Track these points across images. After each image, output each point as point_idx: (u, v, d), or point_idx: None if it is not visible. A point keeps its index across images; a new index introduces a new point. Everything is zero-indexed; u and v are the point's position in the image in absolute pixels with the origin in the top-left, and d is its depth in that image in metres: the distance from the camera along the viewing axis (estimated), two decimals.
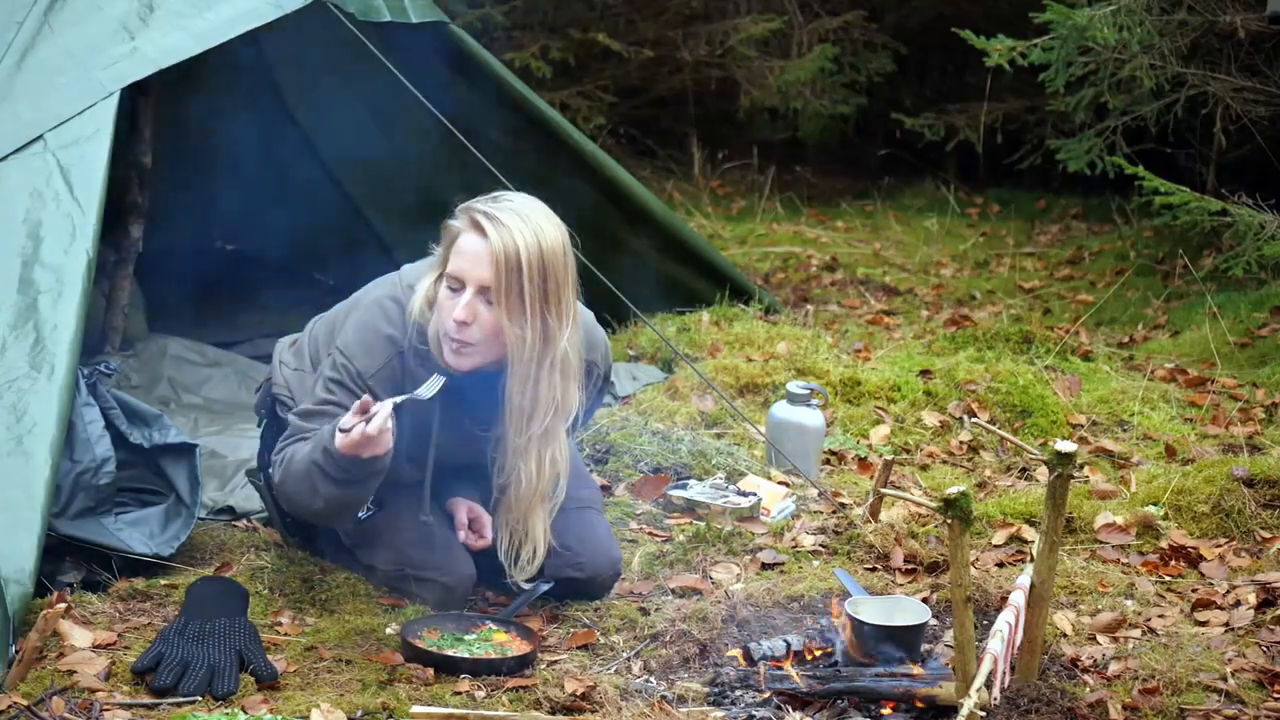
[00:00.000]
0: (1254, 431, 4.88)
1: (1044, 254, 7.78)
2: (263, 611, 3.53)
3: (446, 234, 3.42)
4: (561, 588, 3.66)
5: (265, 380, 3.89)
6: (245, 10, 4.19)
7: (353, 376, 3.48)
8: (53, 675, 3.14)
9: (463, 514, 3.66)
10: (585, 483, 3.85)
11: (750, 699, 3.24)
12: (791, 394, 4.52)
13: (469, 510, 3.67)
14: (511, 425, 3.46)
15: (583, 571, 3.66)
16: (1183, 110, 6.78)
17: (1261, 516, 4.13)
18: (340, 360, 3.50)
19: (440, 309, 3.41)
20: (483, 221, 3.34)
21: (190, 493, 3.80)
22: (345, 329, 3.56)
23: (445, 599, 3.61)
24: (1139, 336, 6.21)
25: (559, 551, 3.63)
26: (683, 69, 8.82)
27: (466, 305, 3.34)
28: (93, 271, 3.67)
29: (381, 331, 3.49)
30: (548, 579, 3.64)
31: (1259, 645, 3.44)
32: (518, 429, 3.46)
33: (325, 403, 3.48)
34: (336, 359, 3.51)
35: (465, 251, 3.36)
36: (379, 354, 3.48)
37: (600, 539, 3.71)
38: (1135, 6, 6.33)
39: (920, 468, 4.64)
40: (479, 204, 3.39)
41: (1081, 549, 4.01)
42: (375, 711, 3.12)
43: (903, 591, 3.73)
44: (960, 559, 2.92)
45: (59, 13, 3.99)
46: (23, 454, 3.39)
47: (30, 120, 3.81)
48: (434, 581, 3.60)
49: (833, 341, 5.66)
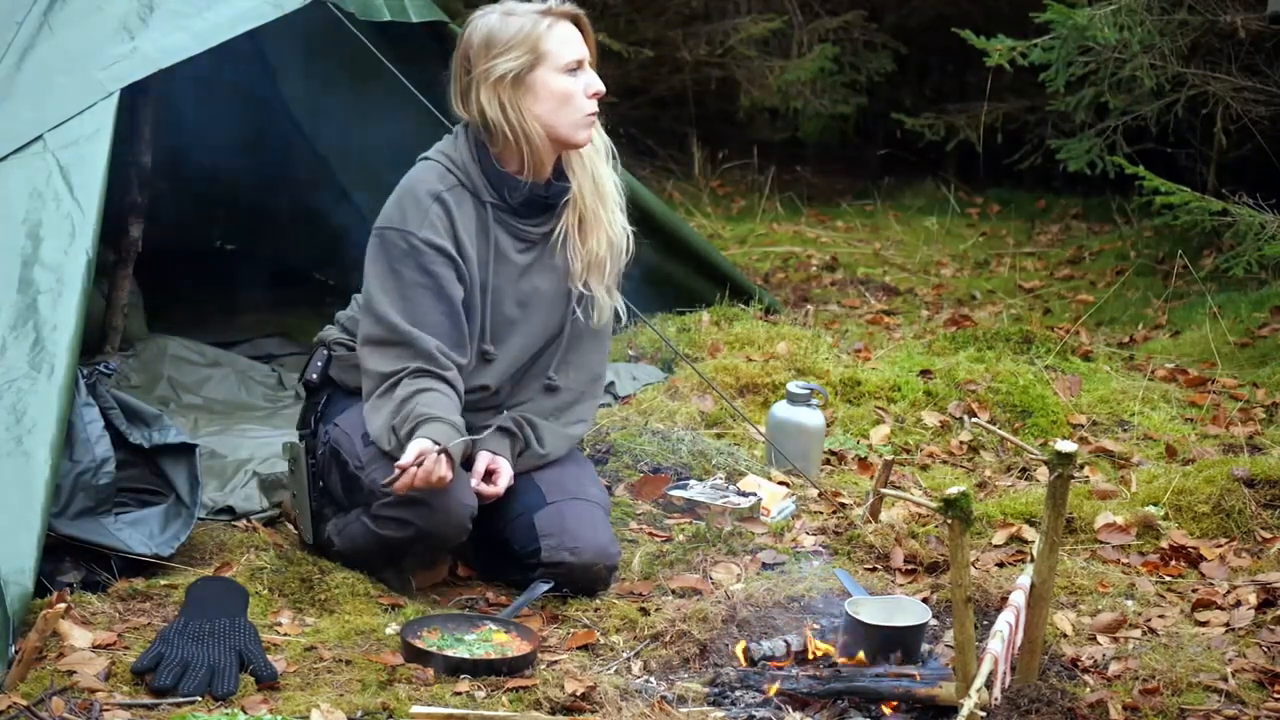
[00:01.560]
0: (1254, 431, 4.88)
1: (1044, 254, 7.78)
2: (263, 611, 3.53)
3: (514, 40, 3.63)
4: (554, 574, 3.65)
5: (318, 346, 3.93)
6: (245, 10, 4.19)
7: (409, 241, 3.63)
8: (53, 675, 3.14)
9: (482, 464, 3.66)
10: (595, 483, 3.88)
11: (750, 699, 3.24)
12: (791, 394, 4.52)
13: (491, 461, 3.67)
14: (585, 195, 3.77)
15: (578, 557, 3.64)
16: (1183, 110, 6.77)
17: (1262, 516, 4.13)
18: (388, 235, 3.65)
19: (568, 97, 3.66)
20: (566, 8, 3.69)
21: (190, 493, 3.80)
22: (383, 211, 3.71)
23: (442, 526, 3.57)
24: (1139, 336, 6.21)
25: (559, 533, 3.64)
26: (683, 69, 8.82)
27: (598, 79, 3.69)
28: (93, 271, 3.67)
29: (421, 189, 3.67)
30: (548, 573, 3.65)
31: (1259, 645, 3.44)
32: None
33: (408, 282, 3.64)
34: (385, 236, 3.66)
35: (567, 36, 3.67)
36: (425, 207, 3.65)
37: (600, 533, 3.71)
38: (1135, 6, 6.32)
39: (920, 468, 4.64)
40: (523, 6, 3.69)
41: (1081, 549, 4.01)
42: (375, 711, 3.12)
43: (903, 591, 3.72)
44: (960, 559, 2.92)
45: (59, 13, 3.99)
46: (23, 454, 3.38)
47: (30, 120, 3.81)
48: (429, 507, 3.54)
49: (833, 341, 5.66)
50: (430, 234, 3.64)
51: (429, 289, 3.64)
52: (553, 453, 3.79)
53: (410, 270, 3.63)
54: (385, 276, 3.66)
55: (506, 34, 3.64)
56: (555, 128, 3.67)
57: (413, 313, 3.64)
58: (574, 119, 3.68)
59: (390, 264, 3.65)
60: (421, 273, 3.63)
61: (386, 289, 3.65)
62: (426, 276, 3.64)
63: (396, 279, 3.64)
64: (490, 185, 3.71)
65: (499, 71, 3.63)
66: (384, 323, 3.64)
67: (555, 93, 3.66)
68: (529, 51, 3.64)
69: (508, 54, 3.63)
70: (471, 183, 3.70)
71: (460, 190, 3.70)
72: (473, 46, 3.67)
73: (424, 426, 3.51)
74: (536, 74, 3.65)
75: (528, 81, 3.65)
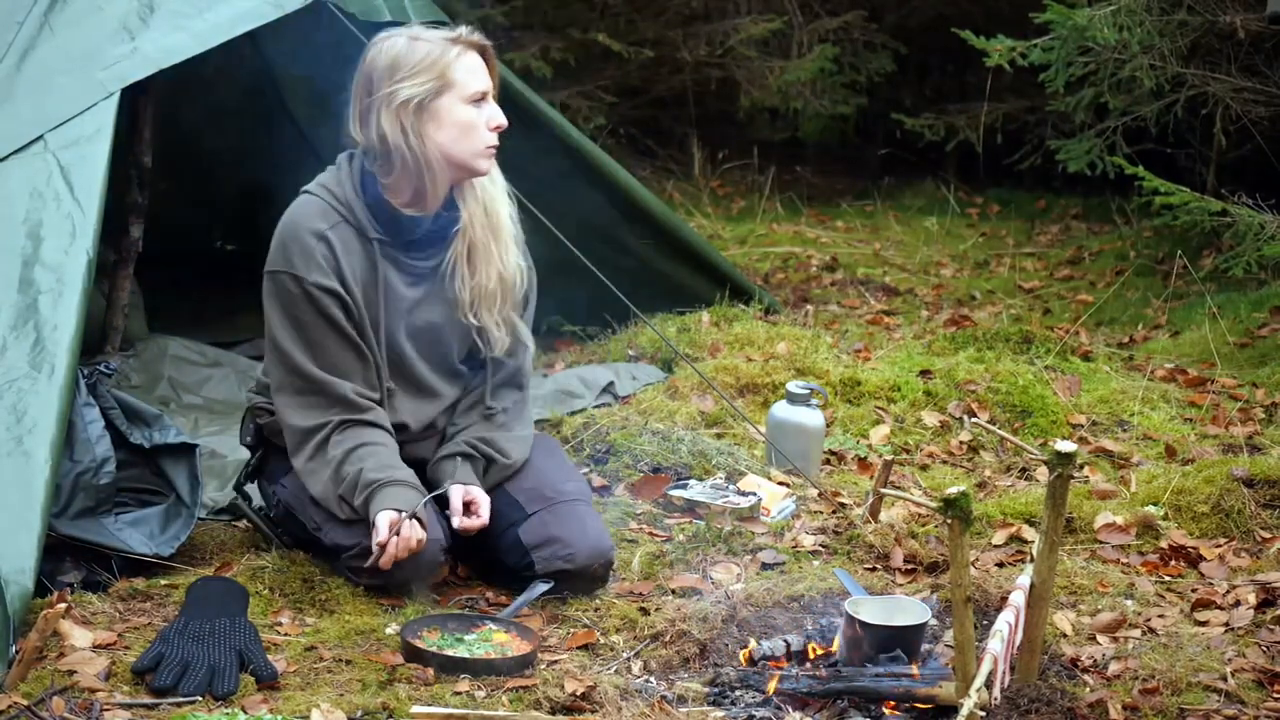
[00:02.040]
0: (1254, 431, 4.88)
1: (1044, 254, 7.78)
2: (263, 611, 3.53)
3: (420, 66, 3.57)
4: (555, 582, 3.65)
5: (247, 410, 3.90)
6: (245, 10, 4.20)
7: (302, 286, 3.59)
8: (53, 675, 3.14)
9: (458, 498, 3.64)
10: (570, 476, 3.86)
11: (750, 699, 3.24)
12: (791, 394, 4.52)
13: (465, 493, 3.65)
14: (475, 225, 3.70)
15: (573, 563, 3.64)
16: (1183, 110, 6.77)
17: (1261, 516, 4.13)
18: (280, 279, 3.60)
19: (471, 128, 3.61)
20: (474, 38, 3.65)
21: (190, 493, 3.80)
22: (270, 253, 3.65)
23: (418, 568, 3.58)
24: (1139, 336, 6.21)
25: (549, 543, 3.63)
26: (683, 69, 8.82)
27: (501, 112, 3.67)
28: (93, 271, 3.67)
29: (303, 228, 3.62)
30: (546, 579, 3.65)
31: (1259, 645, 3.44)
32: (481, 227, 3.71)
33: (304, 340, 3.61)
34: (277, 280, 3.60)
35: (473, 66, 3.63)
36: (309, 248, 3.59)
37: (589, 531, 3.69)
38: (1135, 6, 6.33)
39: (920, 468, 4.64)
40: (430, 33, 3.64)
41: (1081, 549, 4.01)
42: (375, 711, 3.12)
43: (903, 591, 3.73)
44: (960, 559, 2.92)
45: (59, 13, 3.99)
46: (23, 454, 3.39)
47: (30, 120, 3.81)
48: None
49: (833, 341, 5.66)
50: (319, 276, 3.59)
51: (331, 330, 3.61)
52: (518, 459, 3.77)
53: (308, 314, 3.60)
54: (286, 323, 3.62)
55: (413, 59, 3.58)
56: (456, 156, 3.61)
57: (320, 357, 3.62)
58: (475, 149, 3.62)
59: (288, 309, 3.61)
60: (319, 316, 3.60)
61: (290, 335, 3.62)
62: (325, 319, 3.61)
63: (297, 324, 3.61)
64: (375, 220, 3.65)
65: (403, 96, 3.56)
66: (295, 371, 3.62)
67: (459, 122, 3.59)
68: (436, 78, 3.57)
69: (413, 79, 3.56)
70: (355, 218, 3.64)
71: (344, 226, 3.63)
72: (377, 69, 3.60)
73: (380, 495, 3.52)
74: (441, 101, 3.58)
75: (432, 109, 3.58)
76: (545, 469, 3.81)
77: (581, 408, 4.97)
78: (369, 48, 3.66)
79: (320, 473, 3.61)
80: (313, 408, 3.63)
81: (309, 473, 3.63)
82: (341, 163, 3.71)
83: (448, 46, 3.60)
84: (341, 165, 3.70)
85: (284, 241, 3.63)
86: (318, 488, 3.62)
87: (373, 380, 3.68)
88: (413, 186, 3.63)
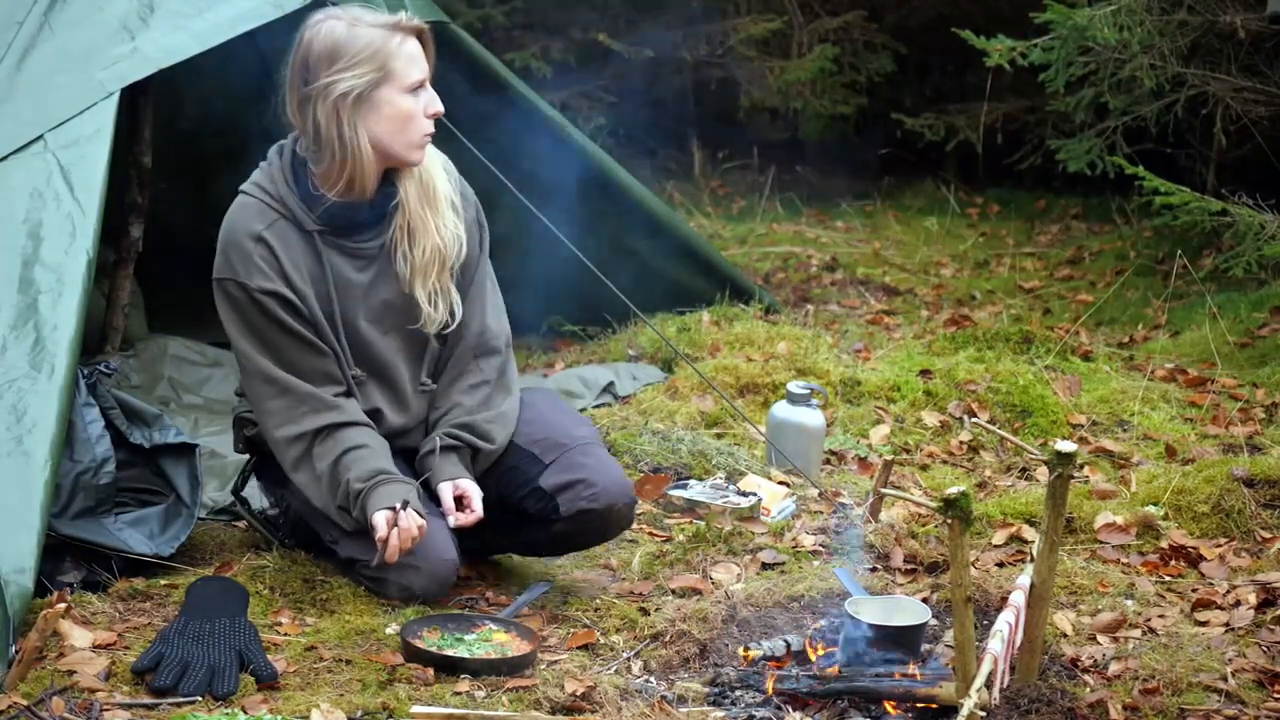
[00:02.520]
0: (1254, 431, 4.88)
1: (1044, 254, 7.78)
2: (263, 611, 3.53)
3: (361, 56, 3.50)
4: (578, 527, 3.64)
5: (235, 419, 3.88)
6: (245, 10, 4.19)
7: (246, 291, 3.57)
8: (53, 675, 3.14)
9: (448, 495, 3.62)
10: (580, 422, 3.84)
11: (750, 699, 3.24)
12: (791, 394, 4.52)
13: (455, 489, 3.63)
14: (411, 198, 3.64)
15: (598, 502, 3.62)
16: (1183, 110, 6.77)
17: (1261, 516, 4.13)
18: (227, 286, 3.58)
19: (410, 118, 3.54)
20: (415, 23, 3.57)
21: (190, 493, 3.81)
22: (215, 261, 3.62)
23: (427, 586, 3.59)
24: (1139, 336, 6.21)
25: (571, 485, 3.62)
26: (683, 69, 8.82)
27: (438, 98, 3.58)
28: (93, 271, 3.67)
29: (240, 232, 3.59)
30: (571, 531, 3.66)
31: (1259, 645, 3.44)
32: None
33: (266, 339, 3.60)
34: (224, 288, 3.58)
35: (414, 54, 3.55)
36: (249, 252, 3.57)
37: (610, 470, 3.68)
38: (1135, 6, 6.32)
39: (920, 468, 4.64)
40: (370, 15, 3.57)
41: (1081, 549, 4.01)
42: (375, 711, 3.12)
43: (903, 591, 3.73)
44: (960, 559, 2.92)
45: (59, 13, 3.99)
46: (23, 454, 3.39)
47: (30, 120, 3.81)
48: (413, 568, 3.56)
49: (833, 341, 5.66)
50: (261, 280, 3.56)
51: (282, 332, 3.60)
52: (502, 440, 3.72)
53: (259, 318, 3.59)
54: (242, 330, 3.61)
55: (354, 48, 3.49)
56: (390, 148, 3.55)
57: (281, 359, 3.60)
58: (411, 139, 3.56)
59: (240, 316, 3.60)
60: (268, 319, 3.59)
61: (247, 340, 3.61)
62: (274, 322, 3.59)
63: (251, 328, 3.60)
64: (310, 211, 3.61)
65: (342, 88, 3.49)
66: (260, 376, 3.61)
67: (398, 113, 3.53)
68: (376, 69, 3.50)
69: (352, 70, 3.49)
70: (291, 213, 3.60)
71: (282, 224, 3.60)
72: (313, 55, 3.52)
73: (372, 497, 3.51)
74: (380, 93, 3.51)
75: (371, 100, 3.51)
76: (553, 420, 3.78)
77: (581, 408, 4.97)
78: (304, 29, 3.57)
79: (313, 486, 3.62)
80: (287, 414, 3.61)
81: (303, 485, 3.63)
82: (272, 157, 3.67)
83: (389, 34, 3.52)
84: (272, 160, 3.66)
85: (224, 248, 3.60)
86: (318, 501, 3.62)
87: (336, 374, 3.65)
88: (346, 175, 3.57)
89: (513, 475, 3.70)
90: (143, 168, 4.98)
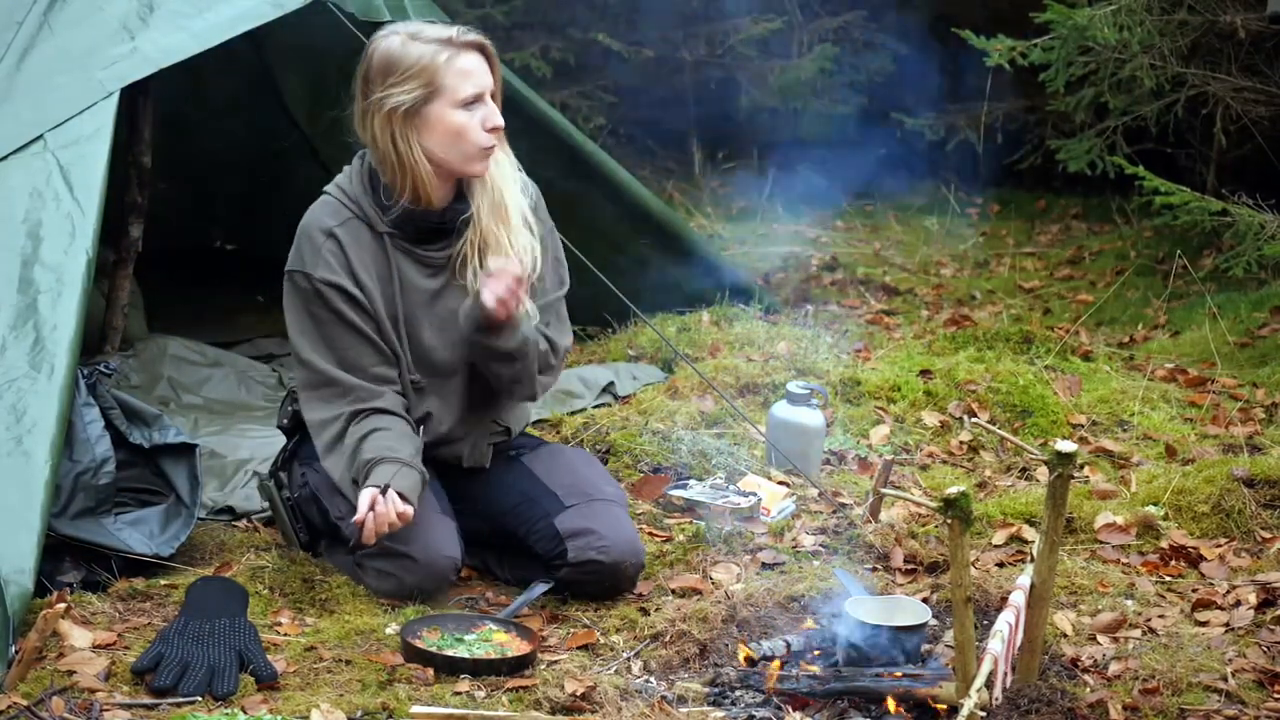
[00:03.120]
0: (1254, 431, 4.88)
1: (1044, 254, 7.78)
2: (263, 611, 3.53)
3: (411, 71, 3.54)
4: (582, 576, 3.65)
5: (286, 393, 3.93)
6: (245, 10, 4.20)
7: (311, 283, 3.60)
8: (53, 675, 3.14)
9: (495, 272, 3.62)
10: (609, 481, 3.89)
11: (750, 699, 3.24)
12: (791, 394, 4.52)
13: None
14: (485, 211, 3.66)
15: (607, 555, 3.64)
16: (1183, 110, 6.77)
17: (1261, 516, 4.13)
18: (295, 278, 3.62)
19: (462, 133, 3.57)
20: (470, 38, 3.60)
21: (190, 493, 3.81)
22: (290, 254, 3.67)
23: (424, 580, 3.59)
24: (1139, 336, 6.21)
25: (584, 533, 3.64)
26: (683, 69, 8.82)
27: (497, 112, 3.61)
28: (93, 271, 3.67)
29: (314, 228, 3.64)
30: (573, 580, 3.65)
31: (1259, 645, 3.44)
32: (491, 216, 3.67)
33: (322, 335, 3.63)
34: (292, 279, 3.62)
35: (468, 69, 3.57)
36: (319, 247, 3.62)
37: (625, 529, 3.72)
38: (1135, 6, 6.32)
39: (920, 468, 4.64)
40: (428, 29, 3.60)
41: (1081, 549, 4.01)
42: (375, 711, 3.12)
43: (903, 591, 3.72)
44: (960, 559, 2.92)
45: (59, 13, 3.99)
46: (23, 454, 3.39)
47: (30, 120, 3.81)
48: (413, 560, 3.57)
49: (833, 341, 5.66)
50: (326, 273, 3.61)
51: (341, 325, 3.63)
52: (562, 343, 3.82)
53: (321, 310, 3.63)
54: (301, 320, 3.66)
55: (405, 63, 3.55)
56: (446, 161, 3.60)
57: (334, 353, 3.64)
58: (466, 153, 3.59)
59: (302, 306, 3.65)
60: (330, 311, 3.63)
61: (305, 332, 3.66)
62: (335, 315, 3.63)
63: (312, 320, 3.64)
64: (383, 215, 3.65)
65: (391, 103, 3.55)
66: (309, 367, 3.65)
67: (449, 128, 3.57)
68: (424, 85, 3.55)
69: (402, 85, 3.54)
70: (365, 214, 3.66)
71: (355, 223, 3.65)
72: (371, 69, 3.59)
73: (372, 473, 3.52)
74: (430, 108, 3.56)
75: (422, 114, 3.56)
76: (584, 472, 3.83)
77: (581, 408, 4.97)
78: (369, 43, 3.66)
79: (339, 463, 3.63)
80: (327, 401, 3.65)
81: (331, 464, 3.65)
82: (354, 161, 3.74)
83: (440, 49, 3.57)
84: (354, 163, 3.73)
85: (297, 241, 3.68)
86: (337, 476, 3.65)
87: (390, 375, 3.67)
88: (409, 185, 3.62)
89: (531, 509, 3.72)
90: (143, 168, 4.98)
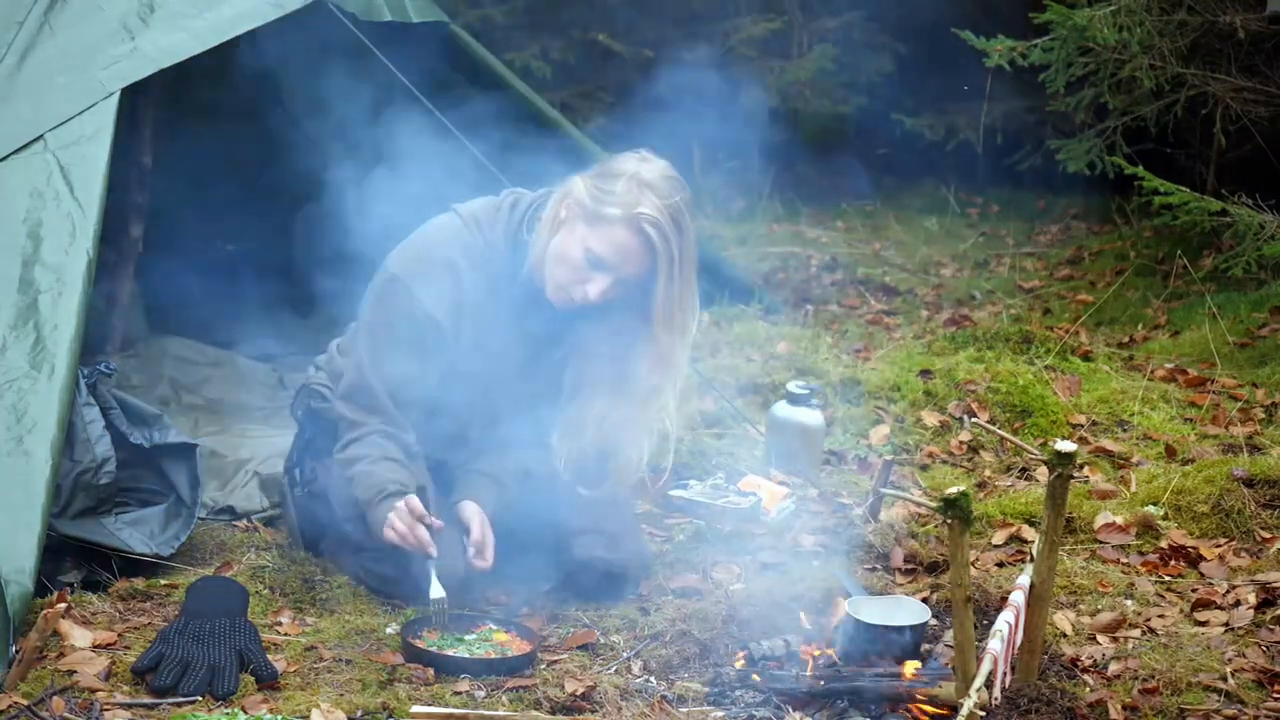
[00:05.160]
0: (1254, 431, 4.88)
1: (1044, 254, 7.78)
2: (263, 611, 3.53)
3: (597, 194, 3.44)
4: (587, 571, 3.65)
5: (300, 386, 3.89)
6: (245, 10, 4.20)
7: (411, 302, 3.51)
8: (53, 675, 3.14)
9: (476, 529, 3.59)
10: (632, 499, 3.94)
11: (750, 699, 3.24)
12: (791, 394, 4.52)
13: (480, 526, 3.60)
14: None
15: (613, 553, 3.65)
16: (1183, 110, 6.77)
17: (1261, 516, 4.13)
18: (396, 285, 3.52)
19: (565, 264, 3.45)
20: (646, 228, 3.43)
21: (190, 493, 3.81)
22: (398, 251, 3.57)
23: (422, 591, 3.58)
24: (1139, 336, 6.21)
25: (594, 531, 3.65)
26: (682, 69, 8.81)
27: (602, 290, 3.45)
28: (93, 271, 3.67)
29: (438, 251, 3.54)
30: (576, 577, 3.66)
31: (1259, 645, 3.44)
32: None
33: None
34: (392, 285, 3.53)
35: (619, 241, 3.42)
36: (436, 273, 3.52)
37: (637, 535, 3.77)
38: (1135, 6, 6.33)
39: (920, 468, 4.64)
40: (651, 181, 3.46)
41: (1081, 549, 4.01)
42: (375, 711, 3.12)
43: (903, 591, 3.73)
44: (960, 559, 2.92)
45: (59, 13, 3.99)
46: (23, 454, 3.39)
47: (30, 120, 3.81)
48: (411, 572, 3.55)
49: (833, 341, 5.66)
50: (432, 304, 3.51)
51: (414, 354, 3.55)
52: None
53: (404, 328, 3.54)
54: (377, 328, 3.58)
55: (605, 181, 3.46)
56: (544, 266, 3.50)
57: (388, 367, 3.56)
58: (555, 281, 3.48)
59: (386, 315, 3.56)
60: (412, 335, 3.54)
61: (376, 340, 3.58)
62: (414, 340, 3.54)
63: (387, 328, 3.56)
64: (511, 271, 3.56)
65: (575, 195, 3.47)
66: (361, 371, 3.59)
67: (567, 250, 3.45)
68: (590, 213, 3.44)
69: (590, 192, 3.46)
70: (493, 264, 3.56)
71: (481, 267, 3.55)
72: (595, 166, 3.55)
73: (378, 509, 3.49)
74: (578, 228, 3.45)
75: (570, 221, 3.47)
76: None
77: None
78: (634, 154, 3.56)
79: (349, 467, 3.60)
80: (358, 406, 3.60)
81: (342, 465, 3.62)
82: (504, 204, 3.62)
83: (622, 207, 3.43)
84: (503, 207, 3.62)
85: (416, 253, 3.57)
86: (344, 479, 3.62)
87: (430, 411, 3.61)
88: (532, 261, 3.54)
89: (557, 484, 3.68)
90: (143, 168, 4.98)
